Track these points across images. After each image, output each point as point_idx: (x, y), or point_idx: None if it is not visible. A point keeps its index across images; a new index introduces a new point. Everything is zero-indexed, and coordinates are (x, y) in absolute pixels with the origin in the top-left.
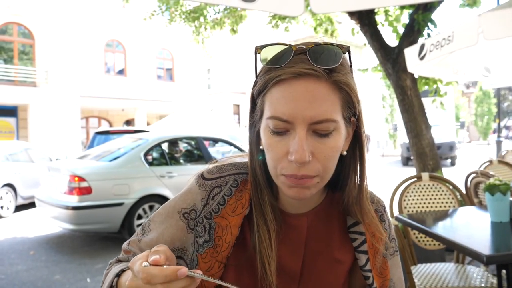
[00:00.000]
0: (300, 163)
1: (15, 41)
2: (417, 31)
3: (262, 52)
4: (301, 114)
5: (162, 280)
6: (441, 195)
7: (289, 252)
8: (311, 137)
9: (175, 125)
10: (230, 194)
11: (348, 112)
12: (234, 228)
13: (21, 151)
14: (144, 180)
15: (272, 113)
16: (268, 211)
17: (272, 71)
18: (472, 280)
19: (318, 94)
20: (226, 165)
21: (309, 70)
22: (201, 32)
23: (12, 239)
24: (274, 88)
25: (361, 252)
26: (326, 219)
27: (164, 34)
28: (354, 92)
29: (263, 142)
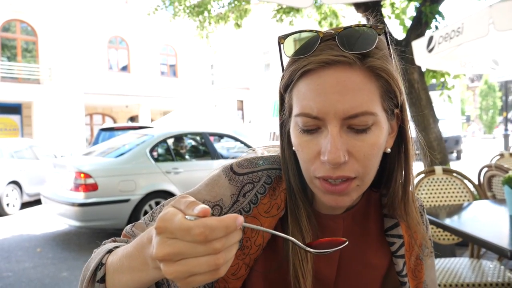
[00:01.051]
0: (334, 164)
1: (18, 39)
2: (425, 24)
3: (286, 42)
4: (332, 108)
5: (223, 232)
6: (454, 188)
7: (324, 257)
8: (347, 134)
9: (179, 121)
10: (264, 192)
11: (389, 103)
12: None
13: (26, 148)
14: (150, 176)
15: (300, 109)
16: (303, 219)
17: (297, 62)
18: (488, 275)
19: (351, 84)
20: (257, 159)
21: (339, 57)
22: (205, 26)
23: (18, 237)
24: (300, 81)
25: (398, 256)
26: (363, 221)
27: (167, 30)
28: (394, 79)
29: (293, 142)
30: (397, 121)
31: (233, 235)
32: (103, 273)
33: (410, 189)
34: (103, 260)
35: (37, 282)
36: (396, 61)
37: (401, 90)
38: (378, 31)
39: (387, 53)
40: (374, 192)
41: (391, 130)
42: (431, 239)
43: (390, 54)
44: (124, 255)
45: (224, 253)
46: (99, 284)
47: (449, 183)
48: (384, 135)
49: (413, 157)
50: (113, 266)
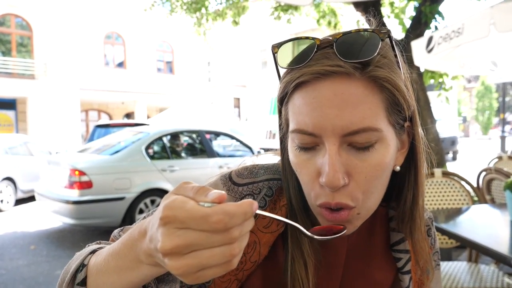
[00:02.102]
0: (331, 188)
1: (13, 33)
2: (424, 24)
3: (280, 51)
4: (329, 124)
5: (241, 219)
6: (453, 192)
7: (326, 274)
8: (347, 153)
9: (175, 118)
10: (264, 206)
11: (396, 116)
12: (264, 246)
13: (21, 144)
14: (146, 174)
15: (295, 125)
16: (305, 242)
17: (291, 73)
18: (487, 281)
19: (350, 97)
20: (258, 168)
21: (335, 67)
22: (203, 23)
23: (12, 234)
24: (295, 94)
25: (405, 273)
26: (368, 236)
27: (164, 27)
28: (400, 90)
29: (291, 161)
30: (408, 135)
31: (248, 223)
32: (84, 275)
33: (418, 213)
34: (85, 261)
35: (30, 280)
36: (404, 69)
37: (410, 102)
38: (381, 36)
39: (392, 61)
40: (382, 207)
41: (401, 146)
42: (438, 252)
43: (397, 62)
44: (110, 254)
45: (239, 243)
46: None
47: (448, 186)
48: (391, 153)
49: (423, 176)
50: (96, 267)
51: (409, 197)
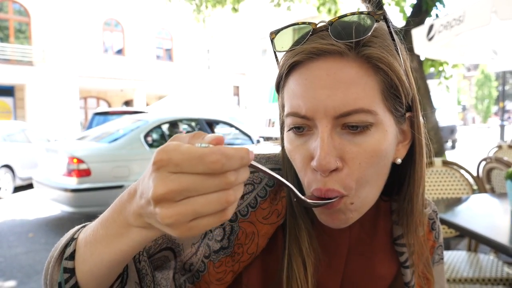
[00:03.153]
0: (322, 171)
1: (11, 19)
2: (425, 12)
3: (277, 37)
4: (322, 105)
5: (238, 163)
6: (453, 181)
7: (327, 268)
8: (340, 136)
9: (174, 106)
10: (265, 196)
11: (394, 102)
12: (262, 238)
13: (19, 131)
14: (144, 162)
15: (288, 108)
16: (304, 239)
17: (287, 56)
18: (486, 270)
19: (343, 77)
20: (259, 157)
21: (328, 46)
22: (202, 10)
23: (10, 221)
24: (290, 77)
25: (407, 267)
26: (371, 230)
27: (163, 14)
28: (396, 72)
29: (287, 148)
30: (411, 126)
31: (244, 171)
32: (73, 248)
33: (417, 208)
34: (75, 235)
35: (28, 268)
36: (403, 55)
37: (408, 88)
38: (376, 17)
39: (389, 44)
40: (384, 201)
41: (403, 138)
42: (443, 246)
43: (395, 46)
44: (99, 223)
45: (234, 191)
46: (67, 262)
47: (448, 175)
48: (389, 141)
49: (424, 170)
50: (85, 239)
51: (409, 192)
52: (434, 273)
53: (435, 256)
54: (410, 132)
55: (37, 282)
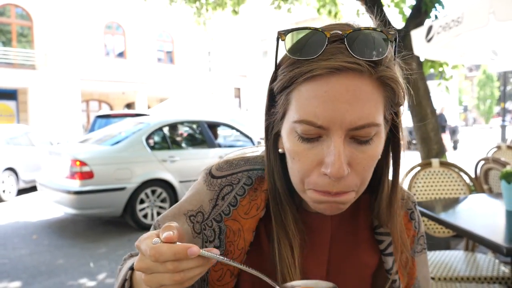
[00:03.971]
0: (336, 178)
1: (13, 23)
2: (424, 13)
3: (287, 39)
4: (339, 118)
5: (171, 257)
6: (451, 182)
7: (313, 258)
8: (349, 145)
9: (176, 109)
10: (243, 194)
11: (389, 111)
12: (247, 232)
13: (22, 134)
14: (146, 165)
15: (302, 116)
16: (290, 223)
17: (302, 64)
18: (483, 269)
19: (360, 94)
20: (238, 160)
21: (351, 64)
22: (202, 13)
23: (14, 223)
24: (304, 85)
25: (387, 254)
26: (352, 220)
27: (164, 16)
28: (401, 87)
29: (288, 149)
30: (392, 125)
31: (186, 262)
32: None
33: (395, 199)
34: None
35: (33, 269)
36: (402, 67)
37: (402, 100)
38: (389, 37)
39: (394, 60)
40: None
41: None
42: (424, 236)
43: (394, 59)
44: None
45: (183, 273)
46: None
47: (446, 176)
48: (382, 145)
49: (401, 161)
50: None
51: (387, 184)
52: (417, 262)
53: (417, 246)
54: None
55: (41, 283)
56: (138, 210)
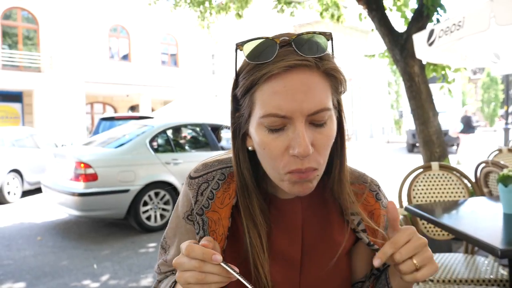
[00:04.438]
0: (304, 156)
1: (19, 26)
2: (426, 16)
3: (245, 49)
4: (299, 107)
5: (199, 256)
6: (451, 185)
7: (287, 240)
8: (309, 129)
9: (179, 111)
10: (218, 187)
11: (336, 98)
12: (224, 219)
13: (27, 137)
14: (150, 167)
15: (267, 110)
16: (257, 214)
17: (260, 68)
18: (481, 271)
19: (312, 85)
20: (212, 162)
21: (301, 61)
22: (206, 17)
23: (19, 225)
24: (265, 85)
25: (360, 231)
26: (321, 203)
27: (168, 19)
28: (343, 76)
29: (258, 142)
30: (338, 112)
31: (210, 266)
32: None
33: (345, 176)
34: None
35: (37, 270)
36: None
37: (345, 89)
38: (327, 37)
39: (332, 54)
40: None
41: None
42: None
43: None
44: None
45: (204, 275)
46: None
47: (446, 179)
48: (335, 127)
49: (346, 143)
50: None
51: (337, 163)
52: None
53: (386, 222)
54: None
55: (45, 284)
56: (142, 212)
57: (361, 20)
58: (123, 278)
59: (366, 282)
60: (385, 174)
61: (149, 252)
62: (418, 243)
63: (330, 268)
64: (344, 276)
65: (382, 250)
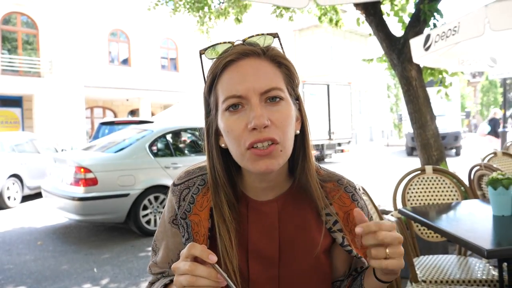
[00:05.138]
0: (260, 127)
1: (19, 31)
2: (423, 21)
3: (207, 53)
4: (251, 87)
5: (198, 252)
6: (444, 187)
7: (265, 239)
8: (265, 107)
9: (179, 115)
10: (198, 192)
11: (291, 88)
12: (204, 221)
13: (27, 141)
14: (149, 171)
15: (226, 94)
16: (226, 211)
17: (219, 62)
18: (473, 272)
19: (262, 68)
20: (194, 169)
21: (249, 51)
22: (206, 22)
23: (19, 229)
24: (223, 75)
25: (335, 231)
26: (297, 203)
27: (168, 24)
28: (292, 66)
29: (223, 129)
30: (299, 111)
31: (200, 269)
32: None
33: (310, 167)
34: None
35: (37, 274)
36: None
37: (298, 81)
38: (273, 35)
39: (284, 52)
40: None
41: (297, 118)
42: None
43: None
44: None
45: (195, 278)
46: None
47: (439, 182)
48: (293, 113)
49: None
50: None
51: (300, 154)
52: None
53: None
54: (300, 115)
55: None
56: (141, 216)
57: (359, 25)
58: (123, 281)
59: (345, 281)
60: (383, 177)
61: (149, 255)
62: (396, 236)
63: (309, 266)
64: (323, 273)
65: (367, 224)
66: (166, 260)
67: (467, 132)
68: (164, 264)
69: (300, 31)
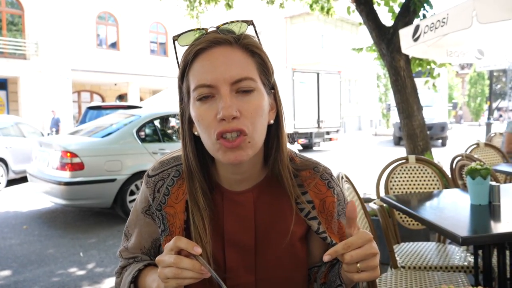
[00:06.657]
0: (228, 117)
1: (3, 11)
2: (413, 12)
3: (180, 40)
4: (221, 76)
5: (184, 245)
6: (426, 177)
7: (241, 228)
8: (236, 98)
9: (168, 101)
10: (173, 184)
11: (265, 78)
12: (180, 213)
13: (12, 125)
14: (137, 157)
15: (196, 83)
16: (200, 198)
17: (191, 49)
18: (451, 259)
19: (234, 57)
20: (169, 159)
21: (221, 39)
22: (196, 6)
23: (4, 213)
24: (194, 63)
25: (311, 219)
26: (273, 193)
27: (158, 8)
28: (266, 55)
29: (194, 118)
30: (275, 100)
31: (185, 261)
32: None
33: (282, 156)
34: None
35: (23, 258)
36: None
37: (273, 70)
38: (247, 23)
39: (257, 39)
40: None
41: (271, 107)
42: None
43: (259, 41)
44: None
45: (180, 270)
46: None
47: (421, 171)
48: (266, 103)
49: (285, 129)
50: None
51: (274, 143)
52: (344, 224)
53: (339, 209)
54: (275, 104)
55: (31, 271)
56: (128, 201)
57: (349, 14)
58: (109, 266)
59: (322, 267)
60: (369, 165)
61: None
62: (368, 252)
63: (285, 253)
64: (299, 260)
65: (334, 249)
66: (139, 246)
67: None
68: (135, 250)
69: (292, 18)
